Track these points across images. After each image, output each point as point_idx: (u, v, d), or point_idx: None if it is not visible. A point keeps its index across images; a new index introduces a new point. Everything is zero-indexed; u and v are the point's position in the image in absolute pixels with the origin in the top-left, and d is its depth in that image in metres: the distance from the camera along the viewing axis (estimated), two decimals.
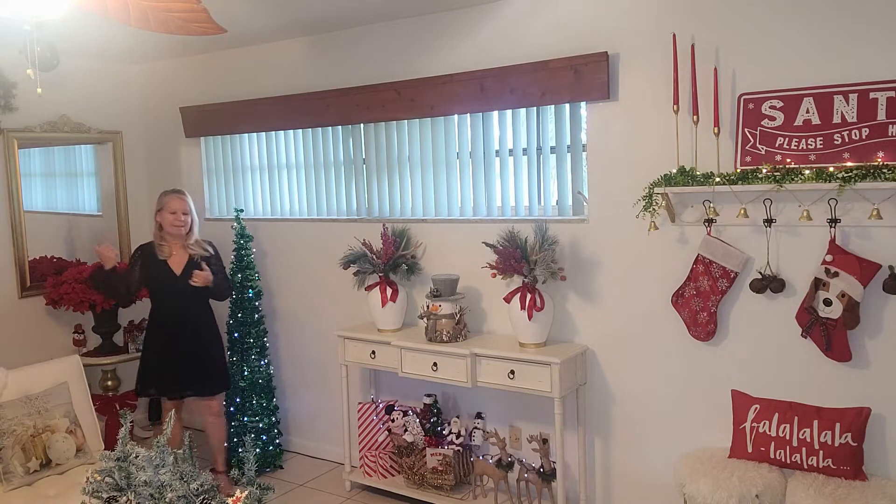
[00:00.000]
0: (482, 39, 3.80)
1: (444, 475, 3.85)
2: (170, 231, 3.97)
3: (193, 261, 3.98)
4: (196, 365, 4.02)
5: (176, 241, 3.99)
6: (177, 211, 3.96)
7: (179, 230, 3.97)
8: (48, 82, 4.39)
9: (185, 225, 3.98)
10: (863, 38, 2.88)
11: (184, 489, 2.03)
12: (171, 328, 3.99)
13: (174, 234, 3.98)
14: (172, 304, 3.99)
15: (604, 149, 3.52)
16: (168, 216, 3.96)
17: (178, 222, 3.96)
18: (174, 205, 3.98)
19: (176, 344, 3.97)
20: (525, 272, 3.51)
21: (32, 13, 2.15)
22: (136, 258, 4.04)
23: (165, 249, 3.97)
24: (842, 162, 2.86)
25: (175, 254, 3.98)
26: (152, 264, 3.97)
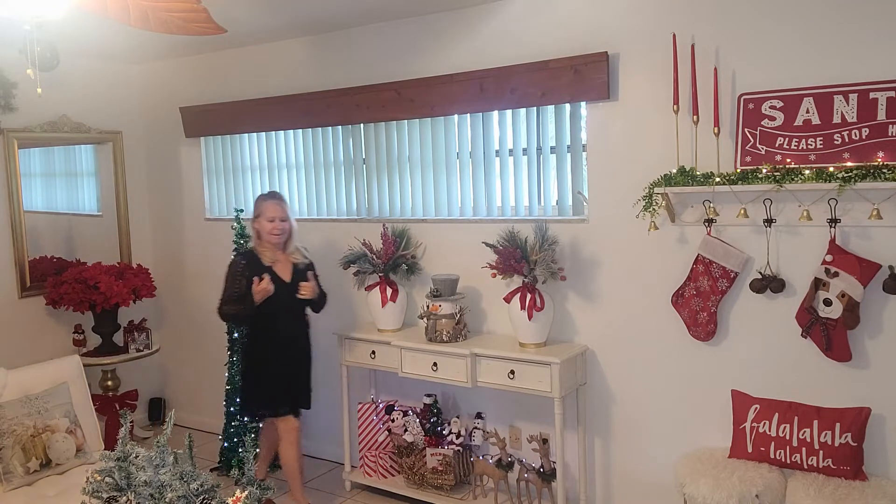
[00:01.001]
0: (482, 39, 3.80)
1: (444, 475, 3.85)
2: (268, 240, 3.70)
3: (298, 269, 3.76)
4: (305, 380, 3.86)
5: (275, 249, 3.74)
6: (275, 218, 3.68)
7: (279, 238, 3.71)
8: (48, 82, 4.39)
9: (283, 233, 3.72)
10: (863, 38, 2.88)
11: (184, 489, 2.03)
12: (283, 341, 3.75)
13: (273, 243, 3.72)
14: (283, 315, 3.72)
15: (604, 149, 3.52)
16: (266, 224, 3.69)
17: (277, 230, 3.69)
18: (272, 211, 3.69)
19: (290, 357, 3.77)
20: (525, 272, 3.51)
21: (32, 13, 2.15)
22: (243, 268, 3.67)
23: (268, 256, 3.71)
24: (842, 162, 2.86)
25: (278, 261, 3.73)
26: (258, 272, 3.64)
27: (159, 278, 5.10)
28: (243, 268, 3.66)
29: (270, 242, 3.71)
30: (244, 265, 3.67)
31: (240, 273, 3.65)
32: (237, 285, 3.64)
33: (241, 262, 3.70)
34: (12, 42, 3.85)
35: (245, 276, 3.62)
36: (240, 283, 3.62)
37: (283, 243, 3.74)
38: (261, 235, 3.73)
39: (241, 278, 3.63)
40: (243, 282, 3.61)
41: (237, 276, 3.65)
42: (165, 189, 5.29)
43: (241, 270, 3.65)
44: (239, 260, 3.74)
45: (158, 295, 5.05)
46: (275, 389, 3.74)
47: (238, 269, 3.67)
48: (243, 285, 3.61)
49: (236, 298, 3.63)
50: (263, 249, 3.71)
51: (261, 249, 3.72)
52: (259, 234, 3.74)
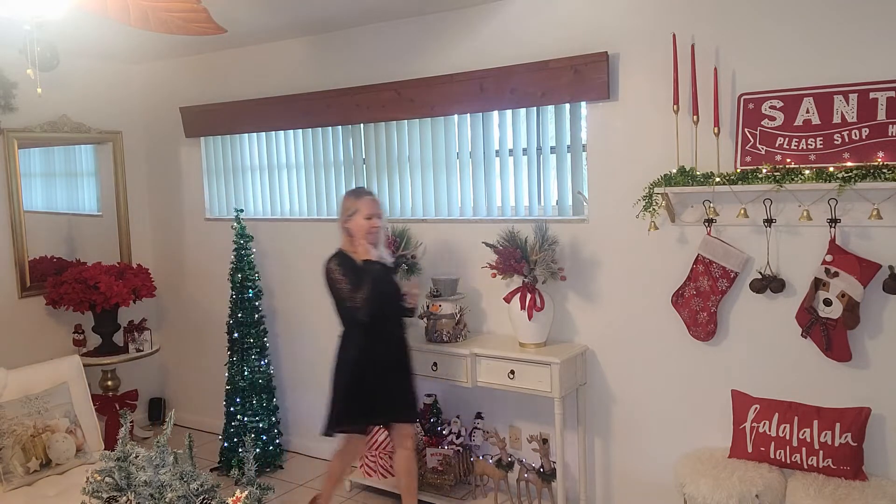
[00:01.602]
0: (482, 39, 3.80)
1: (444, 475, 3.85)
2: (364, 239, 3.38)
3: (388, 269, 3.53)
4: (406, 388, 3.51)
5: (369, 249, 3.39)
6: (372, 215, 3.38)
7: (375, 238, 3.40)
8: (48, 82, 4.39)
9: (380, 231, 3.45)
10: (863, 38, 2.88)
11: (184, 489, 2.03)
12: (382, 346, 3.43)
13: (369, 242, 3.39)
14: (385, 321, 3.42)
15: (604, 149, 3.52)
16: (363, 222, 3.37)
17: (375, 229, 3.39)
18: (369, 207, 3.39)
19: (389, 364, 3.44)
20: (525, 272, 3.51)
21: (32, 13, 2.15)
22: (343, 269, 3.39)
23: (364, 254, 3.38)
24: (842, 162, 2.86)
25: (372, 258, 3.41)
26: (356, 275, 3.35)
27: (159, 278, 5.10)
28: (344, 270, 3.35)
29: (366, 242, 3.38)
30: (344, 268, 3.37)
31: (345, 272, 3.34)
32: (351, 281, 3.31)
33: (340, 265, 3.37)
34: (12, 42, 3.85)
35: (353, 271, 3.33)
36: (354, 280, 3.31)
37: (376, 243, 3.44)
38: (353, 234, 3.41)
39: (352, 275, 3.32)
40: (354, 278, 3.31)
41: (349, 274, 3.32)
42: (165, 189, 5.29)
43: (344, 271, 3.34)
44: (338, 263, 3.39)
45: (158, 295, 5.06)
46: (376, 398, 3.39)
47: (341, 269, 3.35)
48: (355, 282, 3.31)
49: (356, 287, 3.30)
50: (353, 251, 3.40)
51: (351, 251, 3.41)
52: (351, 233, 3.41)
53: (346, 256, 3.41)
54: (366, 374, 3.38)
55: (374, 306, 3.28)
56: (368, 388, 3.37)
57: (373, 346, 3.38)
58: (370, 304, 3.28)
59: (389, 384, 3.42)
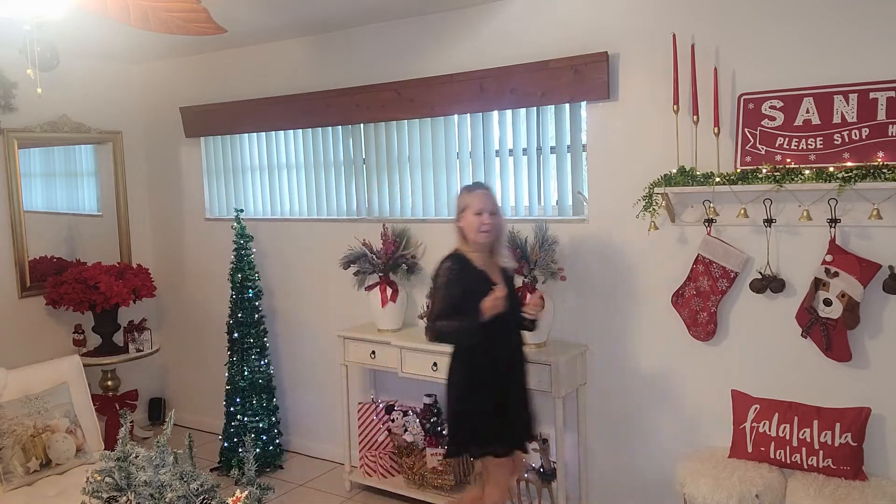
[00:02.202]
0: (482, 39, 3.80)
1: (444, 475, 3.85)
2: (476, 238, 3.02)
3: (508, 274, 3.15)
4: (530, 406, 3.17)
5: (484, 250, 3.07)
6: (482, 212, 3.01)
7: (488, 237, 3.03)
8: (48, 82, 4.39)
9: (493, 230, 3.05)
10: (863, 38, 2.88)
11: (184, 489, 2.03)
12: (505, 362, 3.06)
13: (481, 242, 3.04)
14: (500, 330, 2.98)
15: (604, 149, 3.52)
16: (473, 219, 3.01)
17: (486, 226, 3.01)
18: (480, 203, 3.03)
19: (513, 381, 3.09)
20: (525, 272, 3.51)
21: (32, 13, 2.15)
22: (458, 274, 2.99)
23: (478, 258, 3.05)
24: (842, 162, 2.86)
25: (487, 264, 3.08)
26: (472, 279, 3.00)
27: (159, 278, 5.10)
28: (458, 274, 2.98)
29: (478, 242, 3.03)
30: (457, 271, 2.99)
31: (454, 280, 2.97)
32: (451, 297, 2.95)
33: (453, 268, 3.00)
34: (12, 42, 3.85)
35: (460, 285, 2.96)
36: (454, 295, 2.95)
37: (492, 242, 3.09)
38: (466, 235, 3.06)
39: (456, 286, 2.96)
40: (457, 292, 2.95)
41: (452, 285, 2.96)
42: (165, 189, 5.29)
43: (456, 277, 2.97)
44: (451, 265, 3.02)
45: (158, 295, 5.06)
46: (505, 421, 3.04)
47: (452, 275, 2.98)
48: (457, 296, 2.95)
49: (452, 312, 2.93)
50: (471, 251, 3.06)
51: (468, 251, 3.06)
52: (464, 233, 3.07)
53: (463, 259, 3.04)
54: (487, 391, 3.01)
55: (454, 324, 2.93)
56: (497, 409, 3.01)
57: (482, 364, 3.01)
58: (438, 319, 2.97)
59: (516, 404, 3.08)
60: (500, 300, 2.87)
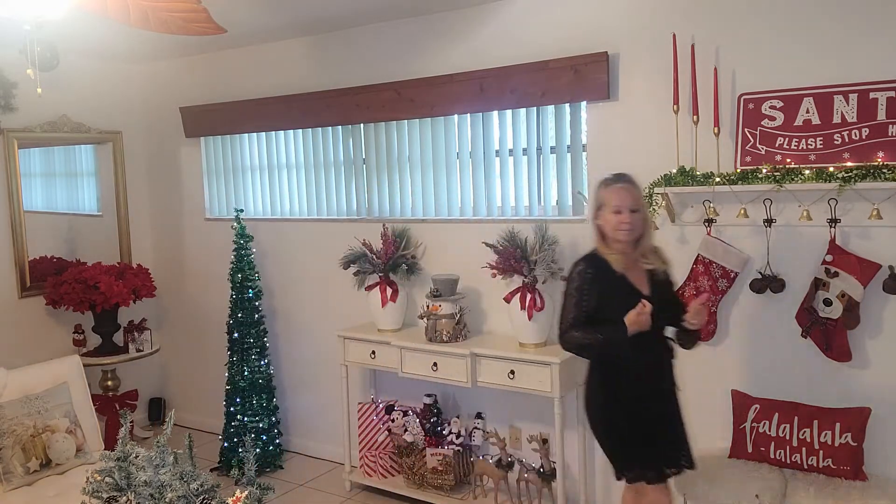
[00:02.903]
0: (482, 39, 3.80)
1: (444, 475, 3.85)
2: (615, 238, 2.72)
3: (657, 278, 2.77)
4: (680, 431, 2.83)
5: (625, 251, 2.74)
6: (622, 209, 2.68)
7: (628, 236, 2.71)
8: (48, 82, 4.39)
9: (635, 229, 2.71)
10: (863, 38, 2.88)
11: (184, 489, 2.03)
12: (650, 376, 2.75)
13: (621, 241, 2.73)
14: (644, 345, 2.67)
15: (604, 149, 3.52)
16: (611, 217, 2.70)
17: (626, 225, 2.69)
18: (619, 198, 2.70)
19: (661, 399, 2.79)
20: (525, 272, 3.51)
21: (32, 13, 2.15)
22: (592, 279, 2.71)
23: (621, 260, 2.73)
24: (842, 162, 2.86)
25: (630, 267, 2.75)
26: (610, 284, 2.71)
27: (159, 278, 5.10)
28: (592, 278, 2.71)
29: (618, 241, 2.72)
30: (592, 275, 2.71)
31: (588, 286, 2.70)
32: (586, 302, 2.70)
33: (587, 271, 2.72)
34: (12, 42, 3.85)
35: (594, 290, 2.70)
36: (588, 301, 2.69)
37: (635, 242, 2.75)
38: (605, 234, 2.76)
39: (590, 293, 2.69)
40: (592, 298, 2.69)
41: (585, 291, 2.70)
42: (165, 189, 5.29)
43: (591, 282, 2.70)
44: (585, 268, 2.74)
45: (158, 295, 5.05)
46: (652, 441, 2.74)
47: (586, 279, 2.71)
48: (592, 303, 2.69)
49: (587, 321, 2.69)
50: (610, 252, 2.75)
51: (607, 253, 2.75)
52: (602, 231, 2.77)
53: (599, 262, 2.74)
54: (632, 409, 2.73)
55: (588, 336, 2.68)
56: (644, 427, 2.72)
57: (623, 380, 2.74)
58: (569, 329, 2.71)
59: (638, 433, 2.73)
60: (645, 317, 2.57)
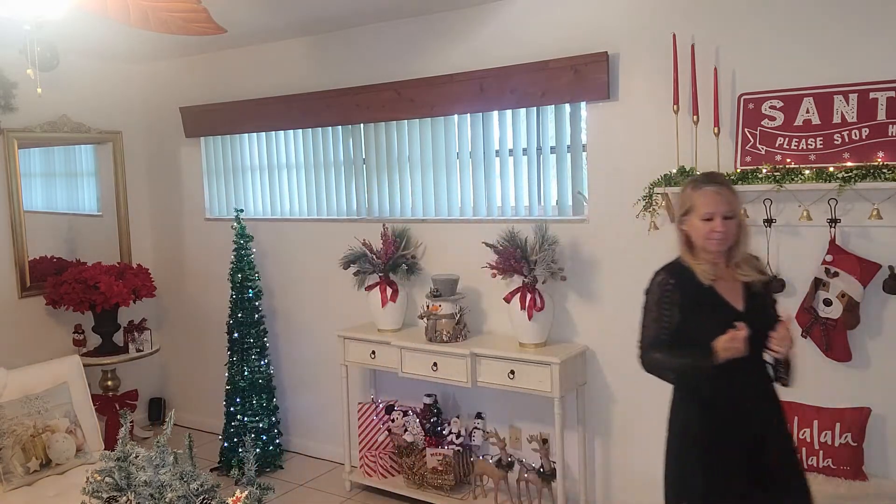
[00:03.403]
0: (482, 39, 3.80)
1: (444, 475, 3.85)
2: (705, 247, 2.36)
3: (753, 291, 2.39)
4: (790, 461, 2.41)
5: (716, 260, 2.39)
6: (713, 216, 2.32)
7: (720, 245, 2.34)
8: (48, 82, 4.39)
9: (728, 237, 2.34)
10: (863, 38, 2.88)
11: (184, 489, 2.03)
12: (741, 414, 2.35)
13: (712, 251, 2.37)
14: (736, 370, 2.27)
15: (604, 149, 3.52)
16: (699, 225, 2.35)
17: (717, 234, 2.32)
18: (711, 203, 2.33)
19: (754, 441, 2.34)
20: (525, 272, 3.51)
21: (32, 13, 2.15)
22: (671, 292, 2.38)
23: (709, 270, 2.37)
24: (842, 162, 2.86)
25: (721, 278, 2.38)
26: (695, 297, 2.36)
27: (159, 278, 5.10)
28: (672, 291, 2.38)
29: (708, 251, 2.37)
30: (673, 286, 2.38)
31: (668, 299, 2.38)
32: (667, 318, 2.38)
33: (668, 282, 2.39)
34: (12, 42, 3.85)
35: (676, 305, 2.37)
36: (669, 317, 2.37)
37: (728, 251, 2.39)
38: (692, 241, 2.41)
39: (671, 307, 2.37)
40: (674, 313, 2.37)
41: (664, 305, 2.38)
42: (165, 189, 5.29)
43: (670, 295, 2.38)
44: (665, 278, 2.41)
45: (158, 295, 5.05)
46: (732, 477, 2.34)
47: (665, 292, 2.38)
48: (674, 318, 2.37)
49: (669, 340, 2.37)
50: (697, 262, 2.39)
51: (693, 262, 2.40)
52: (688, 239, 2.42)
53: (683, 272, 2.40)
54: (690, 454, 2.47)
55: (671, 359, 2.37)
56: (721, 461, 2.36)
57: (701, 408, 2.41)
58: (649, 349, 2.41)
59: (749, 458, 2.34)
60: (739, 342, 2.19)
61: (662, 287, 2.39)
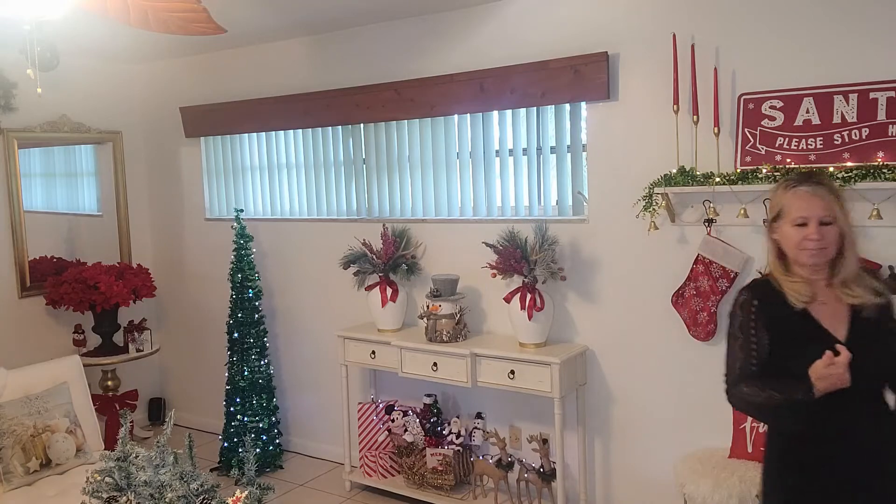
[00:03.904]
0: (482, 39, 3.80)
1: (444, 475, 3.85)
2: (798, 259, 2.02)
3: (862, 316, 1.98)
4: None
5: (813, 277, 2.02)
6: (808, 220, 1.98)
7: (816, 258, 1.99)
8: (48, 82, 4.38)
9: (825, 247, 1.98)
10: (863, 38, 2.88)
11: (184, 489, 2.03)
12: (847, 456, 1.94)
13: (807, 265, 2.01)
14: (840, 405, 1.91)
15: (604, 149, 3.52)
16: (791, 232, 2.00)
17: (811, 243, 1.97)
18: (805, 206, 1.98)
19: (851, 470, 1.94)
20: (525, 272, 3.51)
21: (32, 13, 2.15)
22: (755, 314, 2.03)
23: (802, 290, 2.00)
24: (842, 162, 2.86)
25: (819, 299, 2.01)
26: (783, 323, 2.01)
27: (159, 278, 5.10)
28: (757, 313, 2.02)
29: (801, 264, 2.02)
30: (756, 308, 2.03)
31: (751, 323, 2.02)
32: (755, 346, 2.01)
33: (751, 303, 2.03)
34: (12, 42, 3.85)
35: (763, 328, 2.01)
36: (757, 343, 2.01)
37: (829, 265, 2.01)
38: (783, 251, 2.06)
39: (757, 332, 2.01)
40: (763, 339, 2.00)
41: (752, 330, 2.01)
42: (165, 189, 5.29)
43: (753, 318, 2.02)
44: (748, 299, 2.05)
45: (158, 295, 5.05)
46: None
47: (749, 315, 2.03)
48: (763, 345, 2.00)
49: (759, 370, 2.00)
50: (789, 278, 2.03)
51: (784, 278, 2.03)
52: (780, 249, 2.07)
53: (769, 290, 2.05)
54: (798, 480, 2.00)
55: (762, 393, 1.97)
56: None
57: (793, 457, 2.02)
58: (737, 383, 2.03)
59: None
60: (839, 367, 1.82)
61: (745, 309, 2.03)
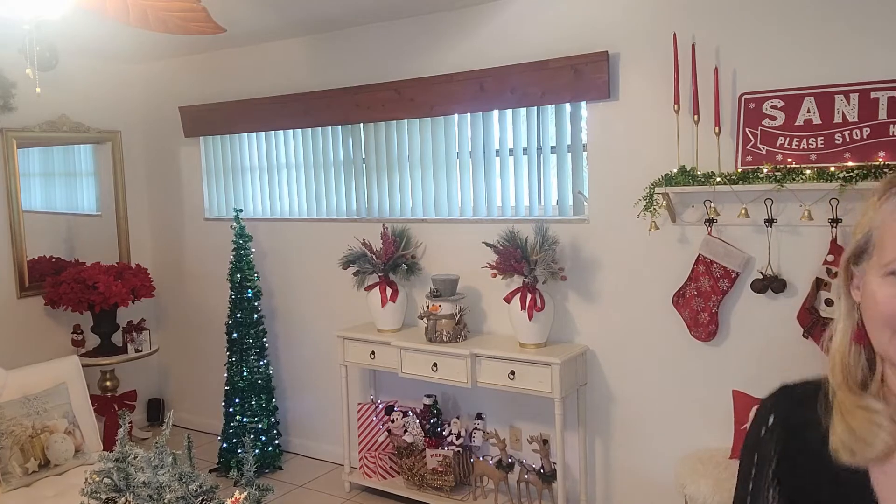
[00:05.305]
0: (482, 39, 3.79)
1: (443, 476, 3.84)
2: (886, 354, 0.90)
3: None
4: None
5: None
6: None
7: None
8: (48, 82, 4.38)
9: None
10: (863, 38, 2.88)
11: (182, 490, 2.02)
12: None
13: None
14: None
15: (604, 149, 3.51)
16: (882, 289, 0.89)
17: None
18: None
19: None
20: (525, 272, 3.50)
21: (32, 13, 2.15)
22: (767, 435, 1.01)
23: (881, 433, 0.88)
24: (843, 162, 2.86)
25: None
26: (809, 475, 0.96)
27: (158, 278, 5.09)
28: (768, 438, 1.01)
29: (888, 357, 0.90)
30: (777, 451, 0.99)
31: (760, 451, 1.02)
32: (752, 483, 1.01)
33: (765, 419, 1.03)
34: (12, 42, 3.84)
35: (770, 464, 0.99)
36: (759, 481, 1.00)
37: None
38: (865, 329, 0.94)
39: (760, 468, 1.01)
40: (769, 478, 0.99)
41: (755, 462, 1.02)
42: (165, 189, 5.28)
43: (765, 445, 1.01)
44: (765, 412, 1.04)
45: (157, 295, 5.05)
46: None
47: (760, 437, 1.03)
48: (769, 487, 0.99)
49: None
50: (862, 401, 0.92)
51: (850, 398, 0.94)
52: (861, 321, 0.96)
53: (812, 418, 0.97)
54: None
55: None
56: None
57: None
58: None
59: None
60: None
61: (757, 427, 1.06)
